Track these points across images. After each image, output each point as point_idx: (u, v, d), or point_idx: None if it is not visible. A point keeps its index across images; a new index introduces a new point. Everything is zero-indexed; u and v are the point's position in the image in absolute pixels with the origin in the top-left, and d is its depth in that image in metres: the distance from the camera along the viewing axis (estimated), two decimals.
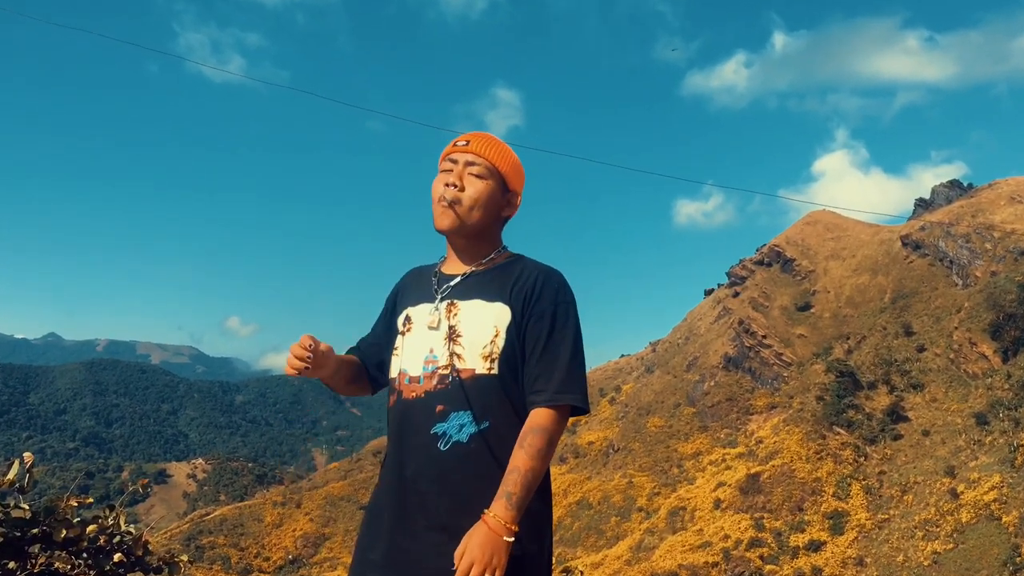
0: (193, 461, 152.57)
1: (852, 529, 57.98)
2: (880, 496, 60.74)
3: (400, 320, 2.38)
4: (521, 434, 2.15)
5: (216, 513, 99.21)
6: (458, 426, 2.17)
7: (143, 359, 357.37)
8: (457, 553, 2.02)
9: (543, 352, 2.22)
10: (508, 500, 2.05)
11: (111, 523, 2.73)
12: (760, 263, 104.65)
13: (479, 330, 2.24)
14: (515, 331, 2.24)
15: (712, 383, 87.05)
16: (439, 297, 2.31)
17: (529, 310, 2.25)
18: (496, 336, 2.22)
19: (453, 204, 2.29)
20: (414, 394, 2.23)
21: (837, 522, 59.01)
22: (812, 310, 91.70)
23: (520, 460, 2.10)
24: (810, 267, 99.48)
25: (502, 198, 2.38)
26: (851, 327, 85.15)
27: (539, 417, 2.16)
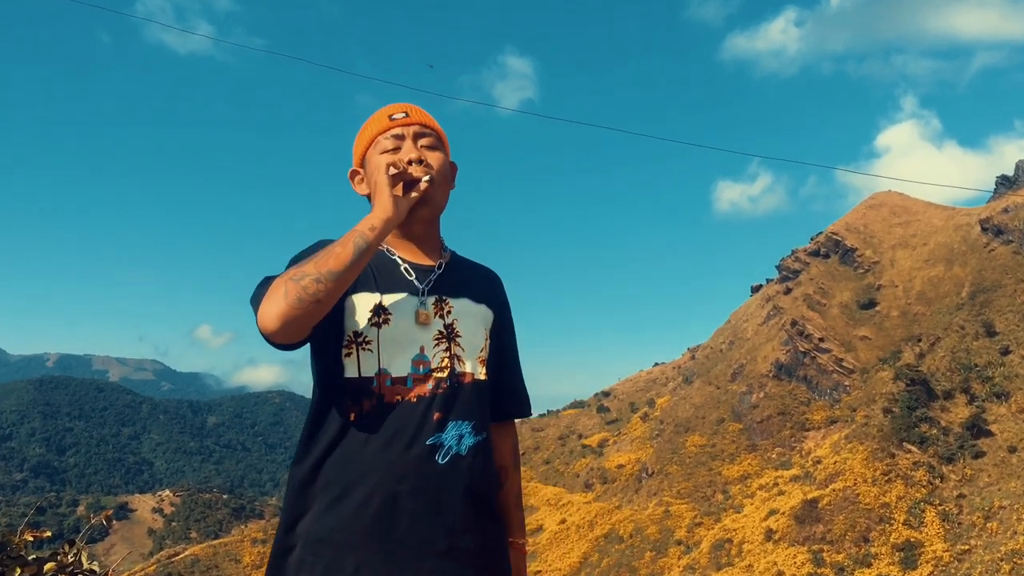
0: (159, 493, 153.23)
1: (927, 563, 57.76)
2: (959, 524, 60.50)
3: (365, 306, 2.23)
4: (510, 452, 2.46)
5: (187, 553, 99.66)
6: (457, 436, 2.17)
7: (100, 375, 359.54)
8: None
9: (510, 360, 2.47)
10: (520, 524, 2.42)
11: (71, 560, 2.75)
12: (816, 254, 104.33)
13: (474, 331, 2.29)
14: (495, 337, 2.39)
15: (761, 395, 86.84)
16: (424, 289, 2.28)
17: (500, 314, 2.42)
18: (487, 340, 2.33)
19: (430, 189, 2.27)
20: (399, 398, 2.17)
21: (909, 555, 58.81)
22: (877, 308, 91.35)
23: (519, 483, 2.48)
24: (874, 258, 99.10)
25: (450, 171, 2.39)
26: (923, 327, 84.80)
27: (515, 432, 2.49)
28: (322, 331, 2.12)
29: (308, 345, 2.17)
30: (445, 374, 2.20)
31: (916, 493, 64.30)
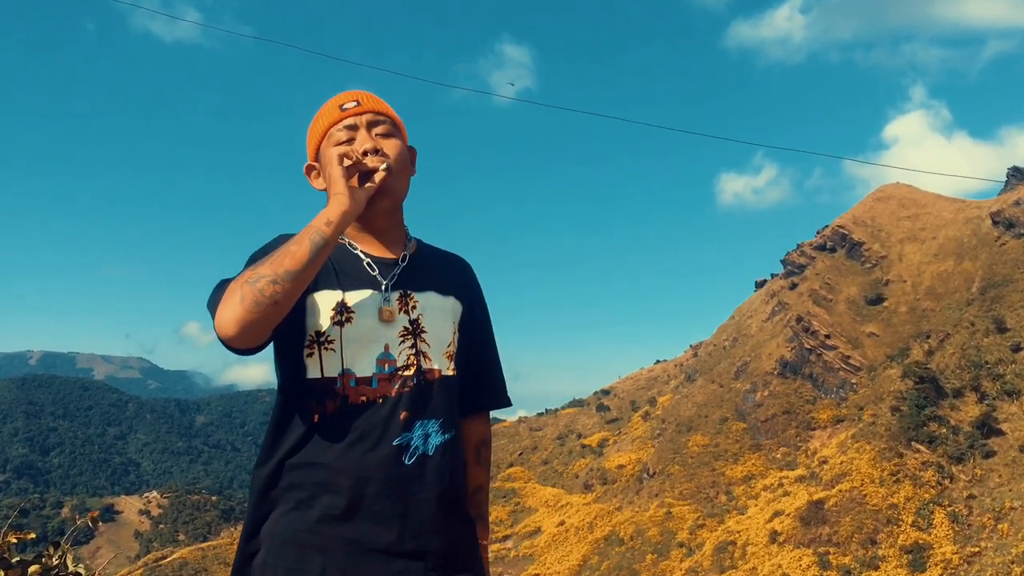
0: (146, 494, 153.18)
1: (936, 565, 57.86)
2: (969, 525, 60.61)
3: (327, 304, 2.21)
4: (474, 445, 2.44)
5: (175, 556, 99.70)
6: (423, 436, 2.18)
7: (85, 374, 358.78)
8: None
9: (484, 350, 2.46)
10: (486, 523, 2.39)
11: (56, 563, 2.77)
12: (822, 248, 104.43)
13: (442, 326, 2.29)
14: (465, 329, 2.38)
15: (766, 393, 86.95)
16: (388, 284, 2.27)
17: (471, 305, 2.42)
18: (455, 334, 2.32)
19: (388, 178, 2.25)
20: (364, 398, 2.16)
21: (918, 557, 58.91)
22: (885, 304, 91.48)
23: (483, 477, 2.41)
24: (882, 252, 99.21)
25: (409, 157, 2.37)
26: (932, 323, 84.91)
27: (485, 425, 2.49)
28: (283, 332, 2.12)
29: (271, 347, 2.17)
30: (411, 372, 2.20)
31: (925, 494, 64.40)
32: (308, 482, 2.14)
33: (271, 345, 2.15)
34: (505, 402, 2.48)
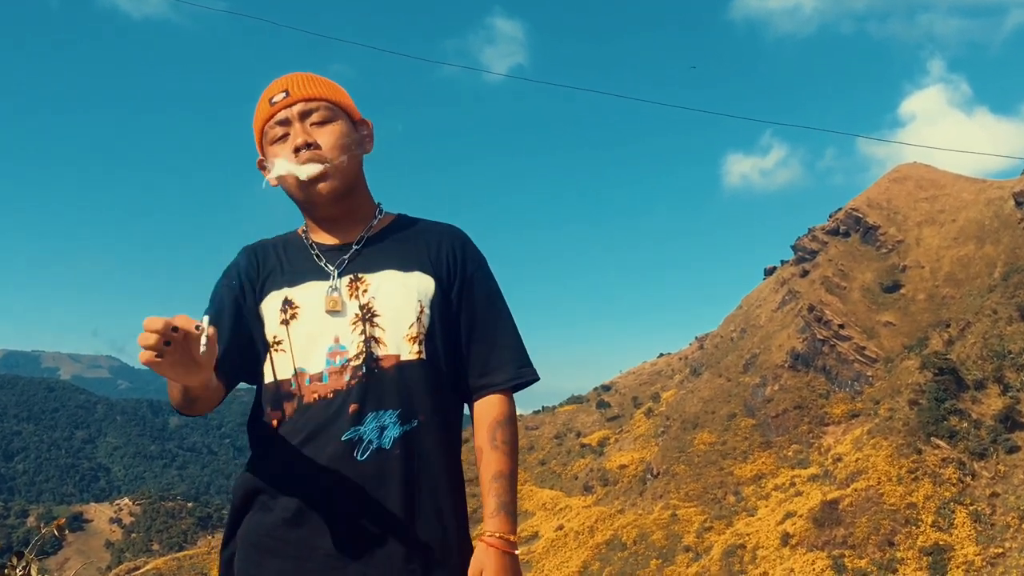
0: (117, 501, 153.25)
1: (957, 567, 58.18)
2: (992, 525, 60.91)
3: (275, 306, 2.26)
4: (487, 429, 2.23)
5: (149, 567, 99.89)
6: (378, 429, 2.14)
7: (50, 374, 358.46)
8: None
9: (487, 326, 2.31)
10: (506, 511, 2.15)
11: (20, 574, 2.76)
12: (835, 232, 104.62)
13: (401, 306, 2.22)
14: (443, 306, 2.26)
15: (776, 387, 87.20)
16: (336, 272, 2.26)
17: (457, 279, 2.30)
18: (421, 312, 2.22)
19: (323, 166, 2.24)
20: (316, 395, 2.17)
21: (938, 559, 59.21)
22: (902, 291, 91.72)
23: (502, 463, 2.19)
24: (898, 236, 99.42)
25: (357, 134, 2.37)
26: (952, 311, 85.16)
27: (500, 405, 2.27)
28: (251, 356, 2.27)
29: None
30: (360, 360, 2.18)
31: (945, 492, 64.68)
32: (271, 486, 2.18)
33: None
34: (518, 377, 2.30)
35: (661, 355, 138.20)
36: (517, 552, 2.15)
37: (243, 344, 2.27)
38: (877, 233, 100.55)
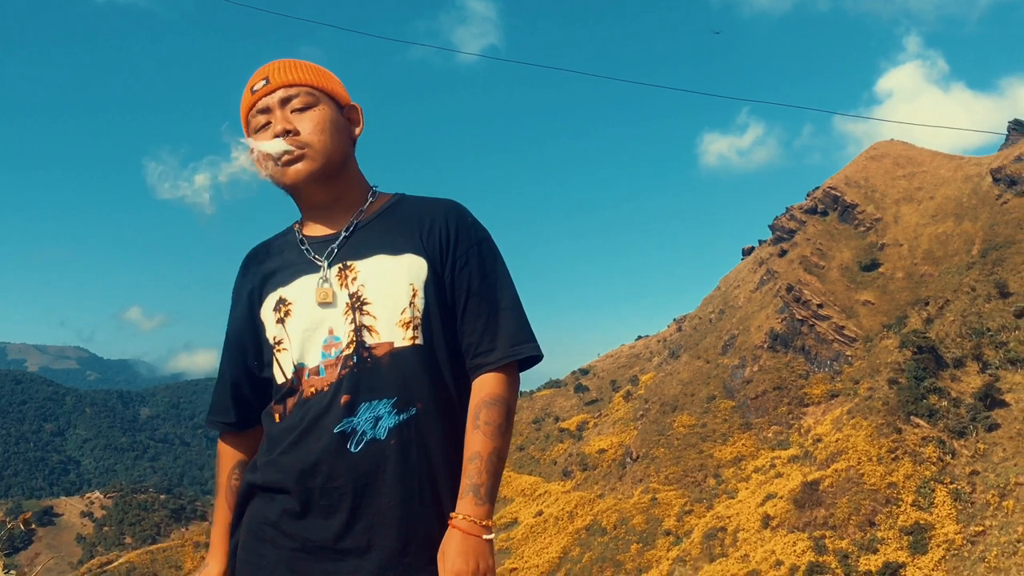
0: (88, 495, 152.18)
1: (938, 546, 58.64)
2: (973, 503, 61.41)
3: (270, 307, 2.31)
4: (472, 409, 2.20)
5: (121, 560, 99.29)
6: (372, 419, 2.14)
7: (17, 366, 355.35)
8: (441, 570, 2.07)
9: (480, 302, 2.26)
10: (476, 494, 2.11)
11: None
12: (813, 211, 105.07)
13: (392, 292, 2.20)
14: (436, 287, 2.24)
15: (755, 368, 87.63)
16: (325, 263, 2.26)
17: (450, 257, 2.26)
18: (415, 296, 2.20)
19: (301, 151, 2.25)
20: (314, 389, 2.19)
21: (919, 538, 59.68)
22: (881, 269, 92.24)
23: (479, 443, 2.15)
24: (876, 214, 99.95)
25: (342, 117, 2.36)
26: (930, 289, 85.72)
27: (489, 384, 2.22)
28: (265, 384, 2.37)
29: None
30: (351, 350, 2.18)
31: (925, 471, 65.10)
32: (270, 479, 2.21)
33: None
34: (511, 355, 2.23)
35: (639, 337, 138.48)
36: (487, 536, 2.10)
37: (253, 380, 2.39)
38: (855, 211, 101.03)
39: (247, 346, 2.37)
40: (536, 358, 2.28)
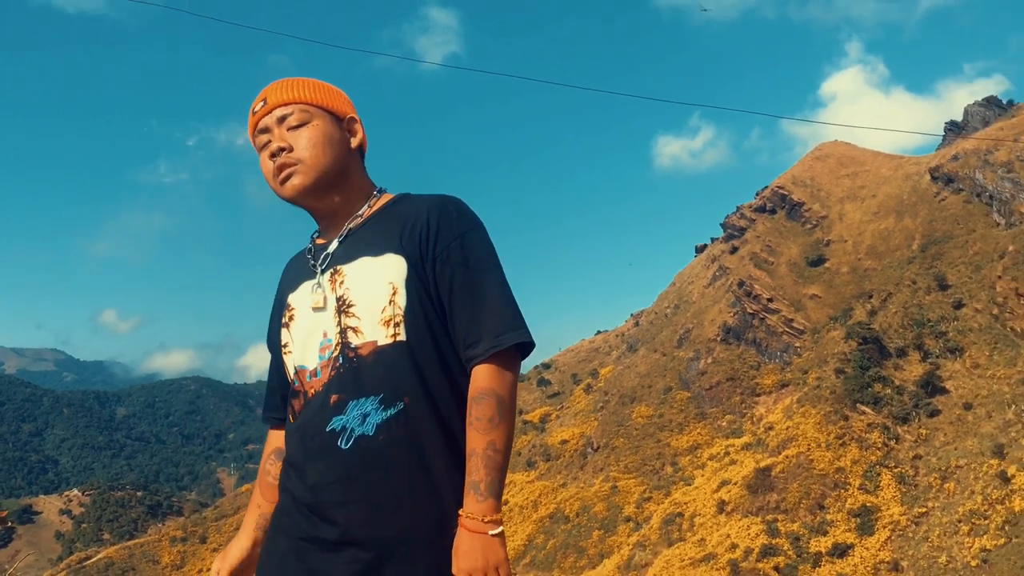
0: (66, 493, 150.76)
1: (884, 528, 59.18)
2: (916, 486, 62.05)
3: (281, 313, 2.45)
4: (468, 407, 2.19)
5: (100, 556, 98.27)
6: (360, 416, 2.17)
7: None
8: (455, 570, 2.11)
9: (464, 295, 2.23)
10: (476, 492, 2.12)
11: None
12: (761, 210, 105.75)
13: (372, 292, 2.23)
14: (419, 283, 2.23)
15: (709, 360, 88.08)
16: (319, 270, 2.33)
17: (430, 251, 2.25)
18: (394, 294, 2.21)
19: (293, 166, 2.30)
20: (313, 390, 2.26)
21: (866, 520, 60.21)
22: (826, 264, 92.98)
23: (473, 440, 2.15)
24: (822, 212, 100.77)
25: (340, 131, 2.40)
26: (874, 283, 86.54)
27: (478, 378, 2.19)
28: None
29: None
30: (338, 351, 2.23)
31: (871, 456, 65.69)
32: (282, 479, 2.35)
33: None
34: (496, 345, 2.18)
35: (598, 332, 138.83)
36: (492, 532, 2.11)
37: (286, 381, 2.46)
38: (802, 209, 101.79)
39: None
40: (527, 344, 2.24)
